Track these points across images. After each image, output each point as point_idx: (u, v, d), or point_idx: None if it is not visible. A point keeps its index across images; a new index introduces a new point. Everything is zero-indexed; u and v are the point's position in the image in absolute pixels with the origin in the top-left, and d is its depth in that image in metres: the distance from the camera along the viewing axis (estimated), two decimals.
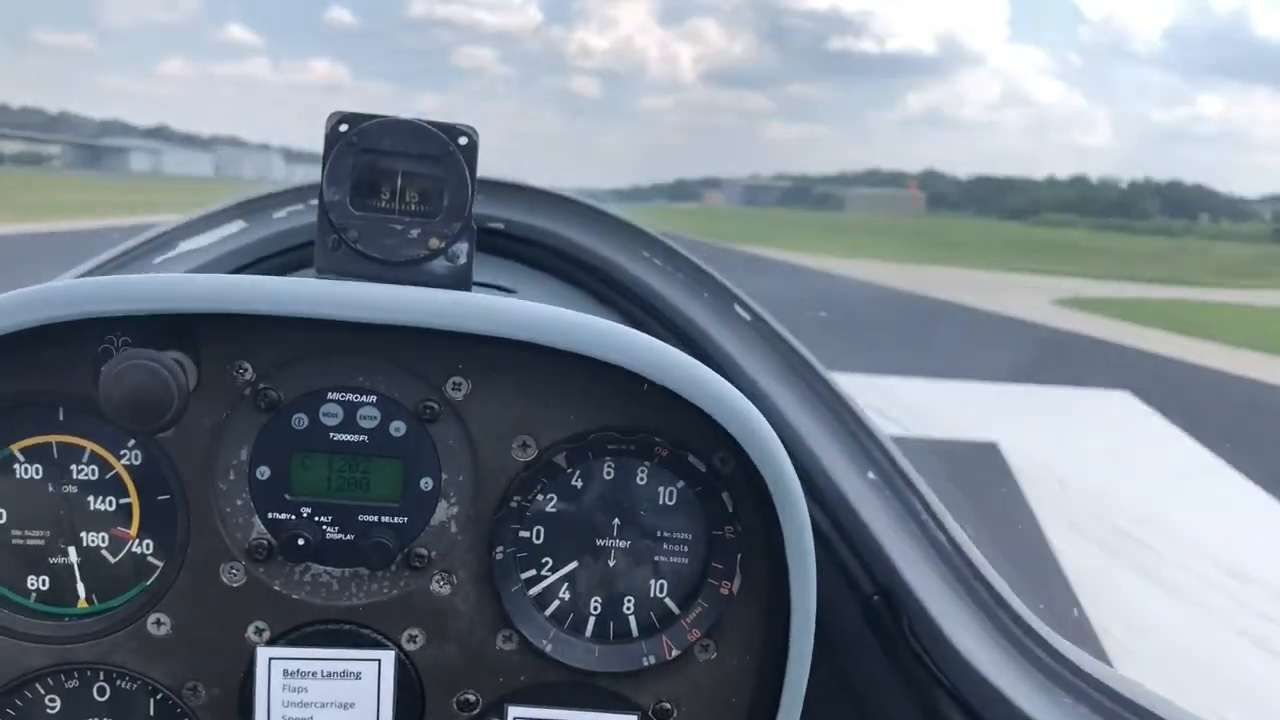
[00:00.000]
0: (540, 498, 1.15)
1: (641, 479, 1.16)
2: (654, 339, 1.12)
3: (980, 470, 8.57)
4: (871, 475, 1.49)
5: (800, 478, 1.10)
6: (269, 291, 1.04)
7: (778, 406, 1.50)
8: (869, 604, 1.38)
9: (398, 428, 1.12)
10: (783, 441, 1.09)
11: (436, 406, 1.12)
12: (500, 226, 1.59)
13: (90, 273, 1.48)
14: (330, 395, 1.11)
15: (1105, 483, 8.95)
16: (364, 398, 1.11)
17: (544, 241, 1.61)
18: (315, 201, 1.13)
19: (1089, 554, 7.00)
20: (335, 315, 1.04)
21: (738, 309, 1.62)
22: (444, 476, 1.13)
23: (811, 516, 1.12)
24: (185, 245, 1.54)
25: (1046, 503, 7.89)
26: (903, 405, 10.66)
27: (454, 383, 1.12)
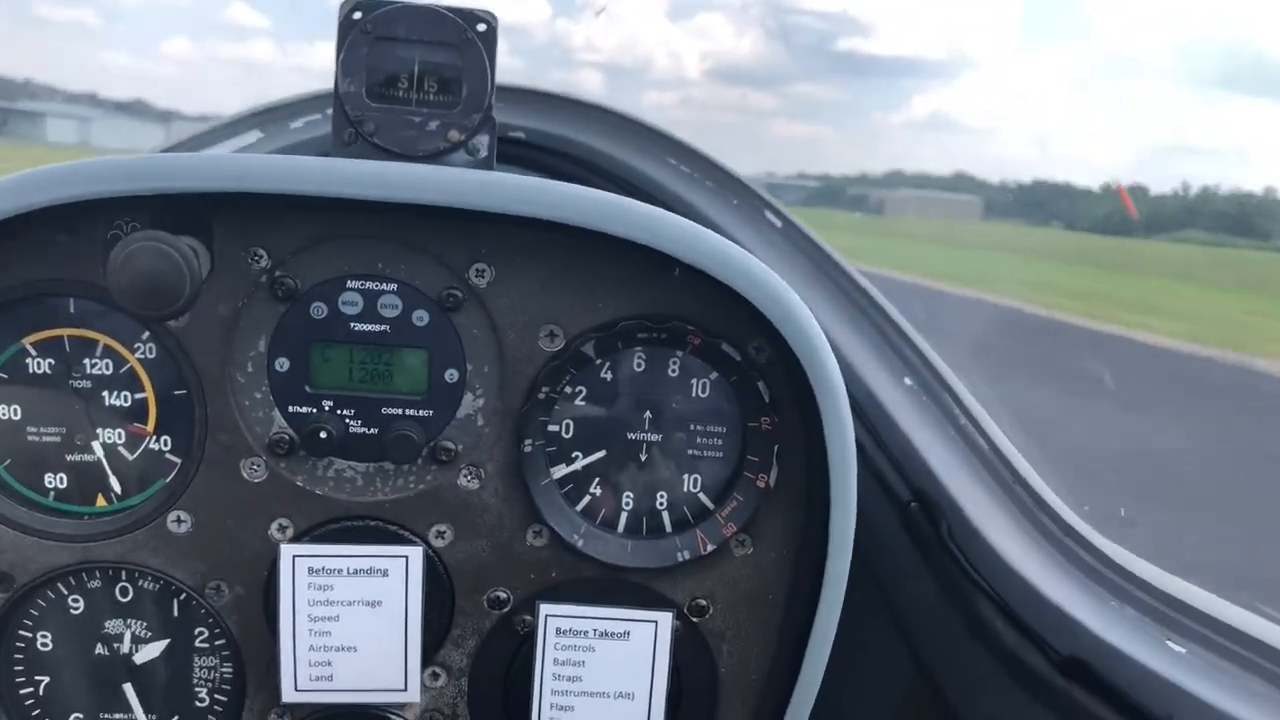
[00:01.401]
0: (569, 389, 1.11)
1: (673, 369, 1.12)
2: (686, 220, 1.07)
3: None
4: (908, 381, 1.45)
5: None
6: (285, 170, 0.99)
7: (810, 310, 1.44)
8: (906, 511, 1.34)
9: (420, 316, 1.08)
10: None
11: (460, 294, 1.08)
12: (521, 136, 1.54)
13: None
14: (350, 283, 1.07)
15: None
16: (384, 285, 1.08)
17: (567, 150, 1.56)
18: (330, 111, 1.10)
19: None
20: (353, 194, 1.00)
21: (768, 214, 1.57)
22: (469, 367, 1.09)
23: None
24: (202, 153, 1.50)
25: None
26: None
27: (477, 269, 1.08)
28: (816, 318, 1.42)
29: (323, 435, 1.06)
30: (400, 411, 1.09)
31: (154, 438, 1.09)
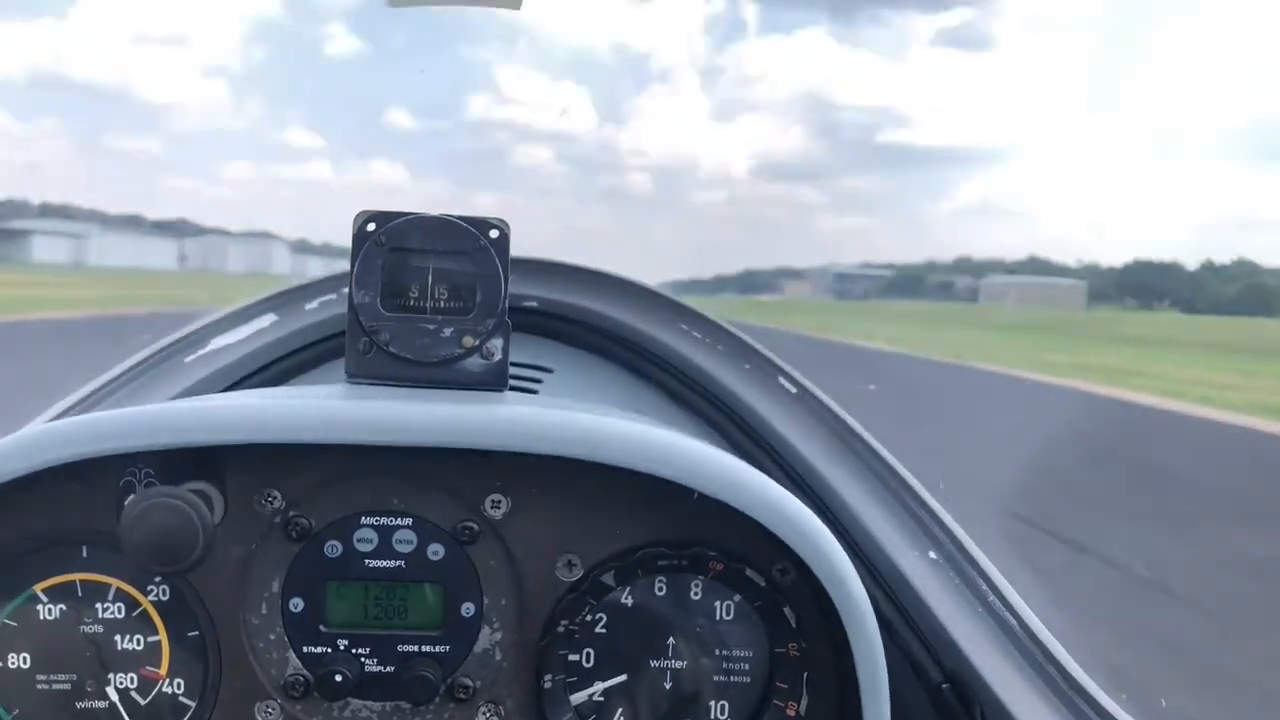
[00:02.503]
0: (589, 619, 1.08)
1: (696, 594, 1.09)
2: (704, 445, 1.05)
3: None
4: (933, 555, 1.40)
5: (859, 559, 1.03)
6: (296, 419, 0.99)
7: (830, 483, 1.42)
8: (938, 693, 1.29)
9: (435, 550, 1.06)
10: (838, 522, 1.02)
11: (475, 526, 1.05)
12: (534, 305, 1.54)
13: (123, 375, 1.46)
14: (364, 520, 1.06)
15: None
16: (399, 520, 1.06)
17: (579, 318, 1.55)
18: (346, 291, 1.11)
19: None
20: (366, 440, 0.99)
21: (782, 381, 1.55)
22: (486, 601, 1.07)
23: (873, 600, 1.05)
24: (217, 342, 1.52)
25: None
26: None
27: (493, 500, 1.06)
28: (835, 487, 1.41)
29: (338, 678, 1.03)
30: (416, 648, 1.06)
31: (167, 681, 1.07)
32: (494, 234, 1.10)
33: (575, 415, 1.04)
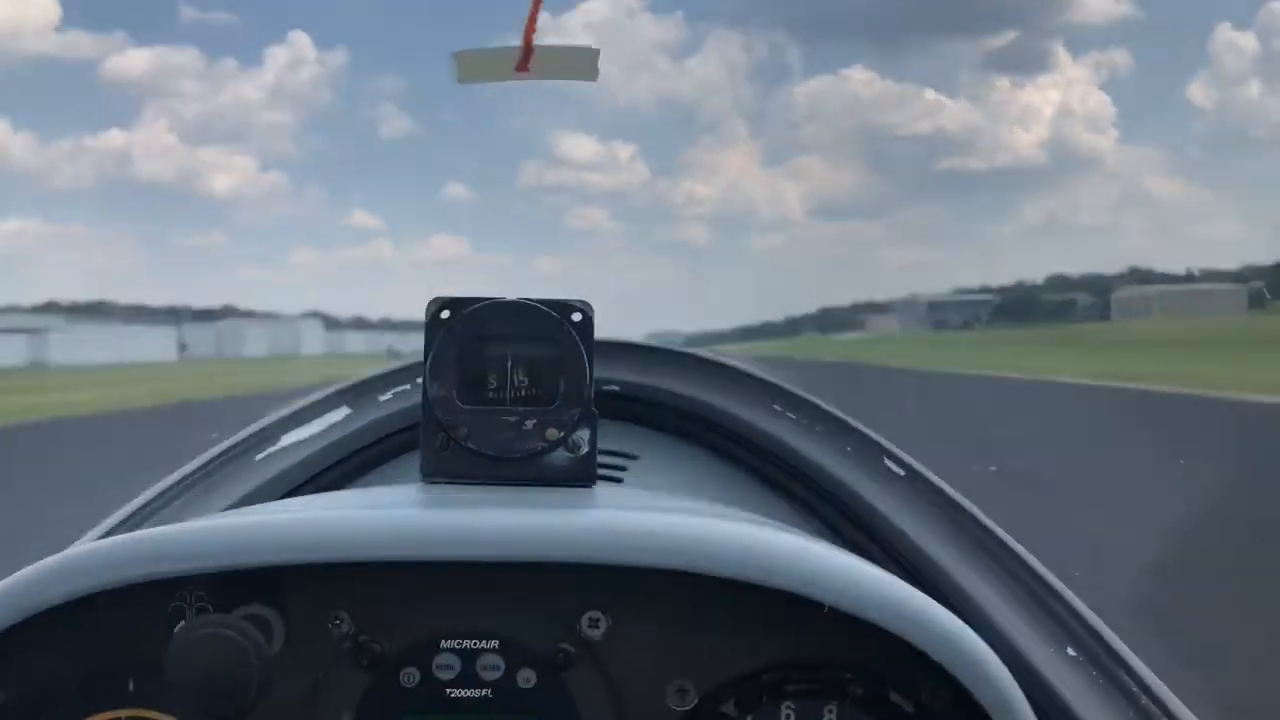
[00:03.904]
0: None
1: None
2: (832, 549, 0.93)
3: None
4: (1071, 651, 1.24)
5: None
6: (365, 533, 0.88)
7: (949, 574, 1.28)
8: None
9: (527, 678, 0.92)
10: (964, 617, 0.87)
11: (572, 649, 0.92)
12: (616, 389, 1.44)
13: (188, 478, 1.39)
14: (444, 643, 0.93)
15: None
16: (484, 644, 0.93)
17: (663, 401, 1.45)
18: (420, 380, 1.03)
19: None
20: (444, 556, 0.88)
21: (888, 463, 1.41)
22: None
23: None
24: (288, 438, 1.45)
25: None
26: None
27: (590, 618, 0.93)
28: (955, 578, 1.26)
29: None
30: None
31: None
32: (576, 317, 1.02)
33: (681, 519, 0.92)
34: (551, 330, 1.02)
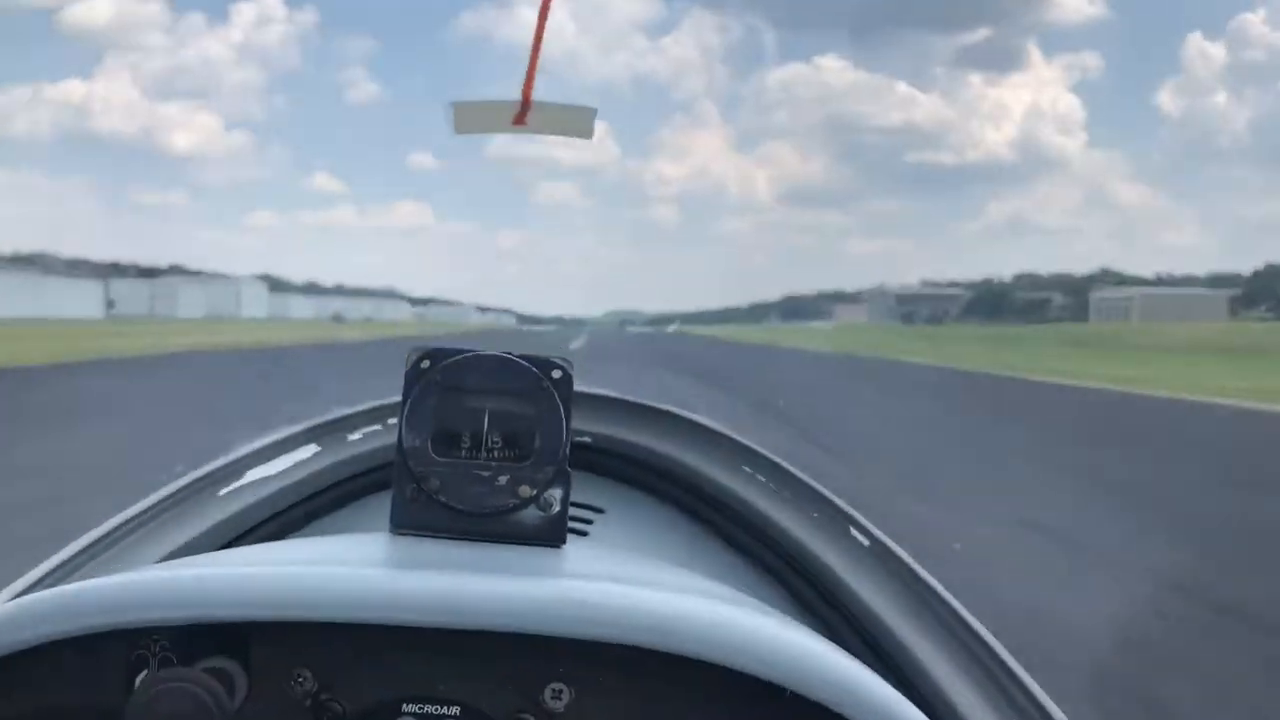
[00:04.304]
0: None
1: None
2: (800, 633, 0.93)
3: None
4: None
5: None
6: (334, 592, 0.89)
7: (909, 650, 1.28)
8: None
9: None
10: (921, 695, 0.88)
11: (533, 719, 0.92)
12: (587, 440, 1.44)
13: (155, 507, 1.36)
14: (405, 707, 0.92)
15: None
16: (446, 710, 0.92)
17: (634, 455, 1.45)
18: (392, 421, 1.02)
19: None
20: (411, 621, 0.88)
21: (854, 532, 1.42)
22: None
23: None
24: (254, 474, 1.44)
25: None
26: None
27: (553, 690, 0.92)
28: (913, 653, 1.27)
29: None
30: None
31: None
32: (556, 374, 1.02)
33: (648, 594, 0.92)
34: (531, 386, 1.02)
